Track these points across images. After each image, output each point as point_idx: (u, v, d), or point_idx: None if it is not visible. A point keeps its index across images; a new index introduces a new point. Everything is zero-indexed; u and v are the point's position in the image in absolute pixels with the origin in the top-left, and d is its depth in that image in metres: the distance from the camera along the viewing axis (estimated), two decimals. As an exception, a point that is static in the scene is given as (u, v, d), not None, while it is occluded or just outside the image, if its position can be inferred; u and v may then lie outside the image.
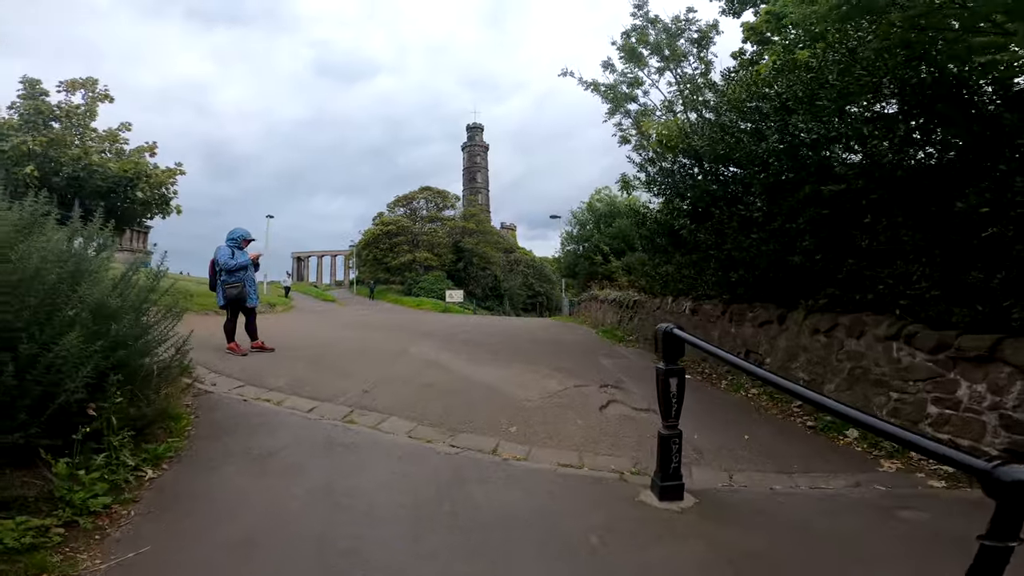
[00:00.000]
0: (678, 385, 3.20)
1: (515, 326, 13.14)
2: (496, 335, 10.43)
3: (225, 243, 6.76)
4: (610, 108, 14.61)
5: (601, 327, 12.37)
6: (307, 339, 8.81)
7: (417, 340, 9.13)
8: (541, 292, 57.07)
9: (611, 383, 6.43)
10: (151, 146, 12.15)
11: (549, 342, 9.71)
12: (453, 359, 7.34)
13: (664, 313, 9.06)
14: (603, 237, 21.64)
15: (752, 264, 6.10)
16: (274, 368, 6.21)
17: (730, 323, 7.01)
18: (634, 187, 11.54)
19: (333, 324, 12.73)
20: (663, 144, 7.38)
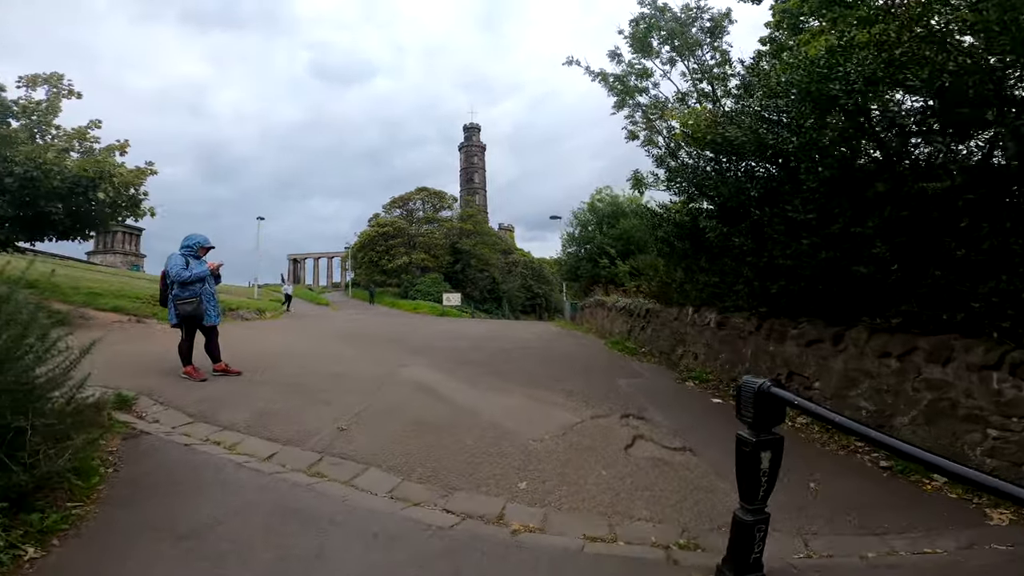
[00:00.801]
0: (772, 460, 2.25)
1: (517, 337, 12.19)
2: (497, 350, 9.49)
3: (179, 251, 5.81)
4: (617, 101, 13.67)
5: (609, 337, 11.44)
6: (285, 356, 7.83)
7: (410, 357, 8.18)
8: (540, 294, 56.16)
9: (633, 412, 5.50)
10: (122, 144, 11.16)
11: (556, 358, 8.77)
12: (449, 383, 6.40)
13: (683, 325, 8.14)
14: (606, 239, 20.71)
15: (798, 273, 5.17)
16: (236, 398, 5.26)
17: (767, 340, 6.08)
18: (648, 185, 10.57)
19: (320, 334, 11.76)
20: (689, 135, 6.44)
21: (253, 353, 7.91)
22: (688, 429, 5.07)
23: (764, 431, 2.20)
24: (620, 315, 11.19)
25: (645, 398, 6.13)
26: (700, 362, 7.54)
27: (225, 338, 10.10)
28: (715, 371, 7.12)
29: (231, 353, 7.77)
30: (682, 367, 7.89)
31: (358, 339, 10.51)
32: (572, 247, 23.28)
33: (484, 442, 4.38)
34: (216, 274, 6.04)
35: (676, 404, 6.07)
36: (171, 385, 5.51)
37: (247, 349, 8.35)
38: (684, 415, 5.60)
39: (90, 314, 12.37)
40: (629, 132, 13.70)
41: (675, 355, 8.38)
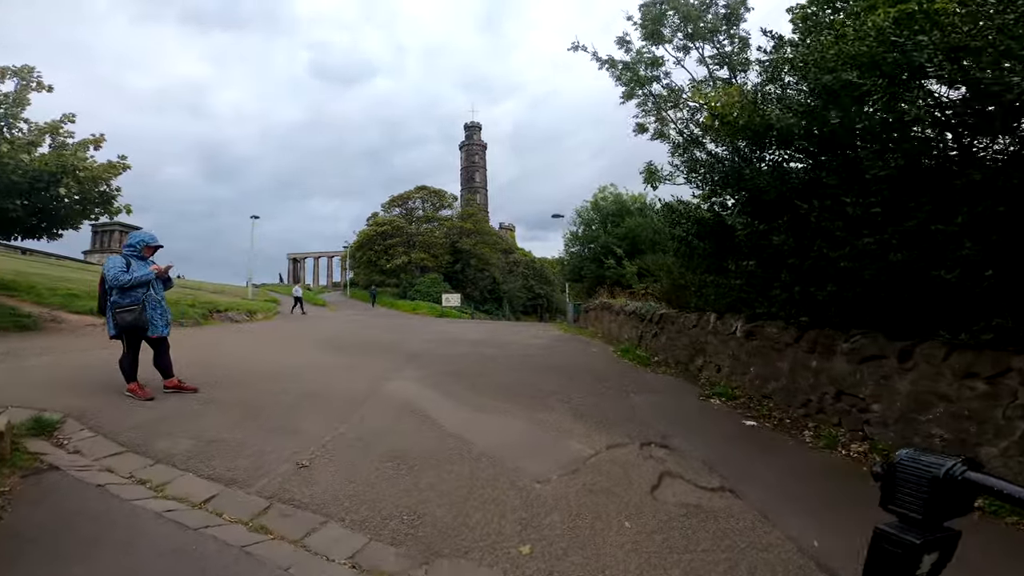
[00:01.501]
0: (937, 564, 1.36)
1: (518, 342, 11.35)
2: (496, 358, 8.65)
3: (123, 251, 4.99)
4: (625, 91, 12.86)
5: (617, 343, 10.61)
6: (257, 367, 6.99)
7: (399, 368, 7.35)
8: (541, 294, 55.32)
9: (655, 439, 4.67)
10: (96, 138, 10.38)
11: (561, 368, 7.93)
12: (439, 401, 5.56)
13: (704, 333, 7.30)
14: (611, 238, 19.88)
15: (855, 278, 4.34)
16: (183, 422, 4.43)
17: (809, 353, 5.24)
18: (663, 178, 9.73)
19: (306, 341, 10.93)
20: (718, 120, 5.60)
21: (223, 364, 7.08)
22: (723, 461, 4.24)
23: (935, 527, 1.34)
24: (629, 320, 10.35)
25: (666, 420, 5.29)
26: (724, 375, 6.70)
27: (200, 344, 9.36)
28: (743, 386, 6.29)
29: (199, 362, 6.99)
30: (703, 380, 7.05)
31: (347, 346, 9.68)
32: (575, 247, 22.45)
33: (477, 483, 3.54)
34: (164, 277, 5.20)
35: (703, 428, 5.23)
36: (110, 405, 4.67)
37: (218, 359, 7.53)
38: (715, 442, 4.76)
39: (63, 317, 11.58)
40: (638, 125, 12.93)
41: (693, 366, 7.55)
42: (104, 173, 9.62)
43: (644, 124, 12.62)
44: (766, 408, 5.70)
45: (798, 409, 5.38)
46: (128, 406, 4.70)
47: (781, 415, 5.48)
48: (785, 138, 4.93)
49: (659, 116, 12.25)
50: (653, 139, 12.08)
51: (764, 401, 5.86)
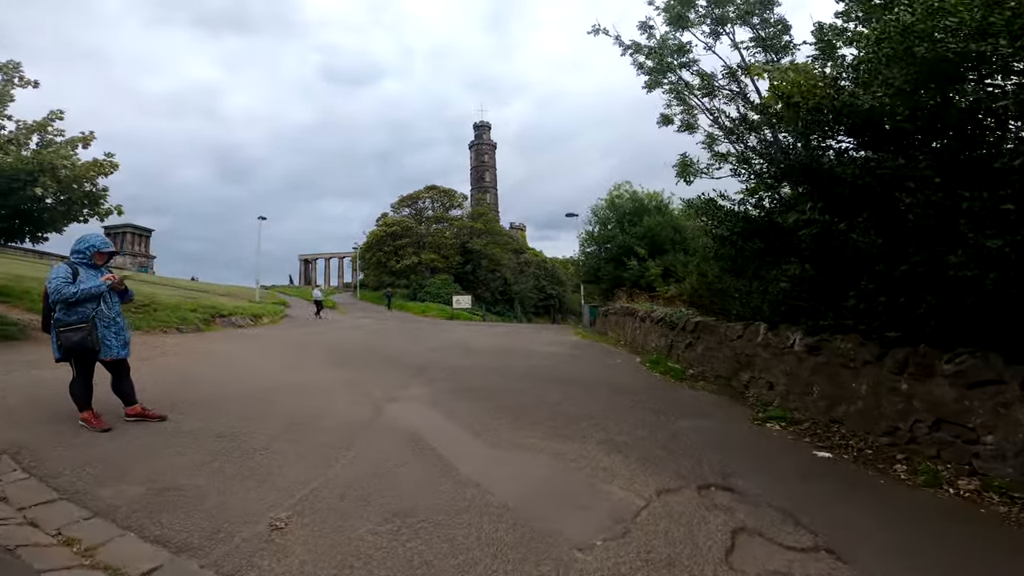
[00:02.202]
0: None
1: (534, 351, 10.50)
2: (512, 371, 7.82)
3: (70, 258, 4.22)
4: (650, 80, 11.90)
5: (644, 353, 9.76)
6: (247, 385, 6.21)
7: (405, 384, 6.55)
8: (553, 295, 54.42)
9: (714, 479, 3.84)
10: (86, 136, 9.76)
11: (586, 384, 7.08)
12: (448, 429, 4.75)
13: (751, 346, 6.42)
14: (629, 237, 19.00)
15: (968, 288, 3.46)
16: (139, 460, 3.66)
17: (897, 374, 4.35)
18: (699, 172, 8.85)
19: (307, 350, 10.18)
20: (786, 100, 4.73)
21: (209, 380, 6.34)
22: (806, 507, 3.41)
23: None
24: (657, 327, 9.47)
25: (721, 452, 4.43)
26: (778, 395, 5.83)
27: (192, 355, 8.42)
28: (804, 409, 5.41)
29: (183, 379, 6.25)
30: (751, 399, 6.19)
31: (350, 357, 8.90)
32: (591, 246, 21.57)
33: (502, 554, 2.72)
34: (120, 289, 4.42)
35: (768, 462, 4.37)
36: (57, 438, 3.92)
37: (206, 373, 6.79)
38: (789, 482, 3.91)
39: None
40: (662, 116, 11.95)
41: (737, 381, 6.68)
42: (87, 172, 8.95)
43: (669, 115, 11.67)
44: (838, 436, 4.83)
45: (880, 437, 4.51)
46: (78, 440, 3.95)
47: (859, 444, 4.60)
48: (891, 118, 4.02)
49: (686, 106, 11.32)
50: (680, 131, 11.16)
51: (833, 427, 4.98)
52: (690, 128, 11.62)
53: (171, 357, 7.74)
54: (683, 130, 11.69)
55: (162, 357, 7.71)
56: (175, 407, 4.88)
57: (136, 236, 69.27)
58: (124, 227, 68.12)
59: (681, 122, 11.82)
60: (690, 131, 11.56)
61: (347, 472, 3.66)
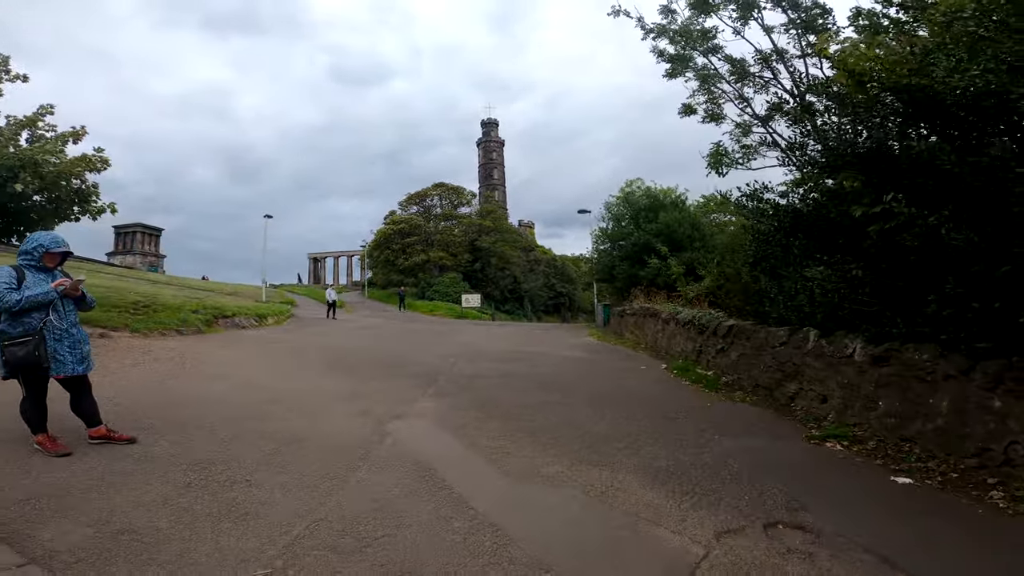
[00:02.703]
0: None
1: (550, 355, 9.87)
2: (528, 380, 7.20)
3: (17, 260, 3.61)
4: (672, 68, 11.23)
5: (669, 357, 9.10)
6: (237, 396, 5.62)
7: (412, 397, 5.95)
8: (563, 293, 53.72)
9: (781, 514, 3.23)
10: (77, 131, 9.29)
11: (611, 396, 6.43)
12: (461, 455, 4.13)
13: (799, 354, 5.74)
14: (644, 234, 18.28)
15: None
16: (95, 493, 3.10)
17: (989, 391, 3.68)
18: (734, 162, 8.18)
19: (309, 354, 9.62)
20: (857, 79, 4.07)
21: (196, 393, 5.76)
22: (902, 549, 2.81)
23: None
24: (683, 330, 8.81)
25: (781, 479, 3.78)
26: (833, 409, 5.16)
27: (183, 361, 7.57)
28: (867, 425, 4.74)
29: (166, 391, 5.64)
30: (800, 413, 5.52)
31: (354, 362, 8.32)
32: (604, 244, 20.85)
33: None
34: (75, 295, 3.80)
35: (839, 490, 3.72)
36: (5, 464, 3.36)
37: (194, 384, 6.22)
38: (872, 516, 3.27)
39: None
40: (684, 106, 11.31)
41: (781, 393, 6.01)
42: (74, 167, 8.45)
43: (692, 105, 11.00)
44: (913, 457, 4.15)
45: (967, 459, 3.83)
46: (29, 466, 3.38)
47: (941, 467, 3.93)
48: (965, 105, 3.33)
49: (710, 95, 10.64)
50: (704, 121, 10.50)
51: (905, 447, 4.31)
52: (715, 118, 10.96)
53: (160, 364, 7.21)
54: (708, 120, 11.04)
55: (151, 363, 7.18)
56: (149, 427, 4.31)
57: (146, 235, 69.40)
58: (134, 226, 68.35)
59: (706, 112, 11.17)
60: (715, 121, 10.91)
61: (341, 511, 3.05)
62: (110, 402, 4.72)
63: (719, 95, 10.40)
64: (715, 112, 10.50)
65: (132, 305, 13.83)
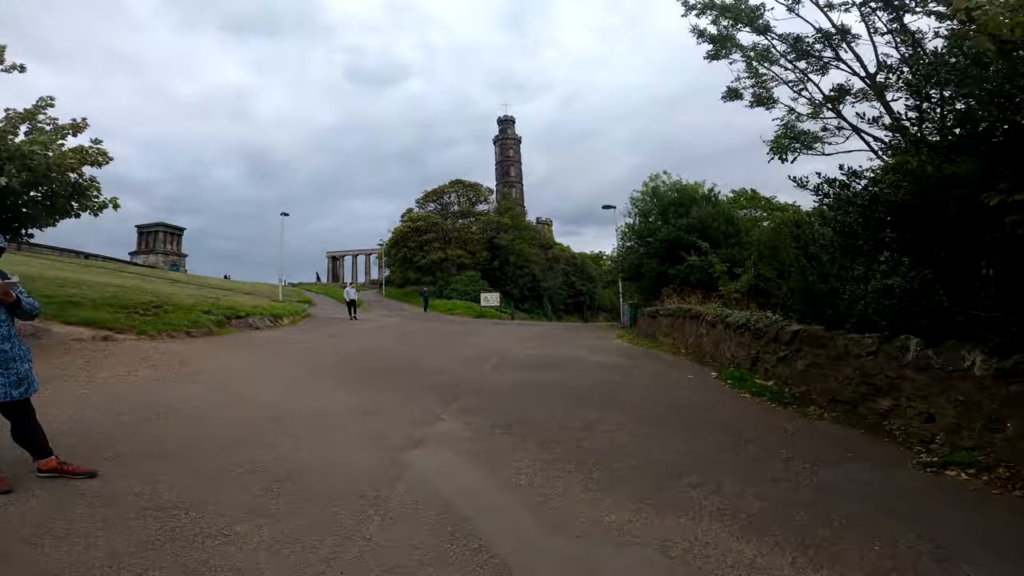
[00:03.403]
0: None
1: (581, 360, 9.00)
2: (566, 389, 6.36)
3: None
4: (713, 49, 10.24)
5: (717, 364, 8.17)
6: (224, 420, 4.81)
7: (434, 414, 5.15)
8: (583, 291, 52.68)
9: (931, 574, 2.33)
10: (78, 123, 8.75)
11: (667, 414, 5.54)
12: (494, 500, 3.31)
13: (896, 366, 4.80)
14: (675, 229, 17.24)
15: None
16: (22, 551, 2.36)
17: None
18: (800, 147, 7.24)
19: (322, 360, 8.90)
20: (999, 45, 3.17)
21: (179, 409, 5.03)
22: None
23: None
24: (734, 335, 7.87)
25: (911, 521, 2.90)
26: (944, 430, 4.23)
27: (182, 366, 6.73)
28: (991, 449, 3.83)
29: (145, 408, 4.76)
30: (896, 433, 4.61)
31: (370, 369, 7.56)
32: (631, 240, 19.80)
33: None
34: (7, 301, 3.03)
35: (991, 535, 2.83)
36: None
37: (185, 397, 5.50)
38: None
39: (53, 329, 10.05)
40: (729, 90, 10.30)
41: (867, 410, 5.08)
42: (65, 160, 7.85)
43: (737, 88, 10.03)
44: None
45: None
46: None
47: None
48: None
49: (757, 78, 9.67)
50: (752, 106, 9.53)
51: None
52: (764, 103, 9.95)
53: (157, 371, 6.55)
54: (755, 105, 10.04)
55: (146, 371, 6.52)
56: (118, 455, 3.60)
57: (168, 234, 70.11)
58: (156, 226, 69.15)
59: (753, 96, 10.15)
60: (765, 106, 9.91)
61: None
62: (80, 422, 4.04)
63: (770, 78, 9.41)
64: (764, 96, 9.51)
65: (142, 305, 13.36)
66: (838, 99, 6.35)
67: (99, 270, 30.07)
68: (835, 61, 8.77)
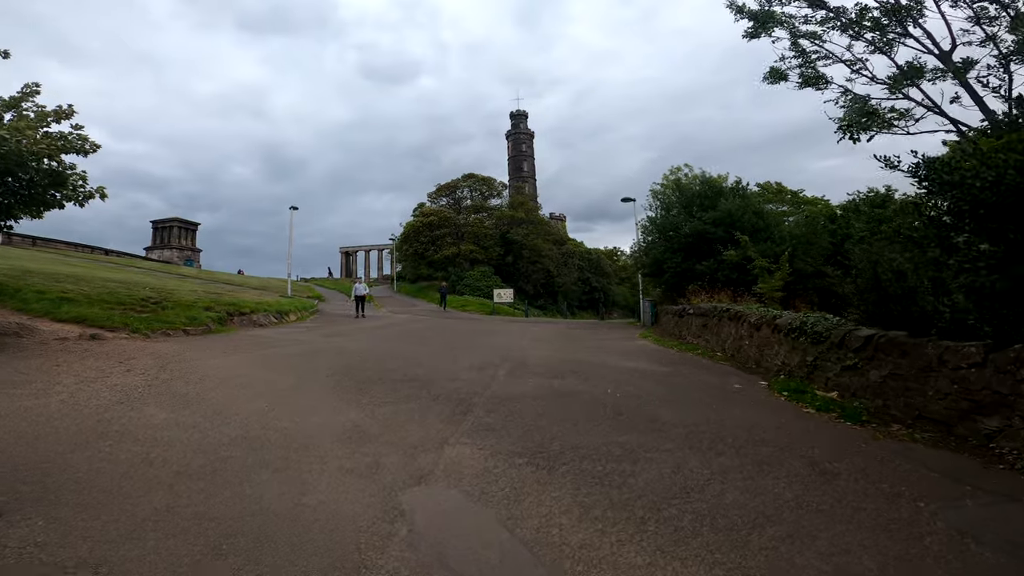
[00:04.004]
0: None
1: (611, 367, 8.06)
2: (596, 404, 5.45)
3: None
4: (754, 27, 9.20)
5: (763, 370, 7.22)
6: (187, 444, 4.03)
7: (441, 438, 4.27)
8: (598, 288, 51.61)
9: None
10: (63, 110, 8.07)
11: (724, 436, 4.59)
12: (522, 558, 2.43)
13: (1012, 381, 3.84)
14: (700, 223, 16.20)
15: None
16: None
17: None
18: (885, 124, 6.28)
19: (320, 365, 8.10)
20: None
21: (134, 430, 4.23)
22: None
23: None
24: (784, 339, 6.90)
25: None
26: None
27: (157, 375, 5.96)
28: None
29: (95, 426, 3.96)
30: (1008, 456, 3.67)
31: (367, 380, 6.72)
32: (653, 235, 18.76)
33: None
34: None
35: None
36: None
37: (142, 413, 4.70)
38: None
39: (39, 327, 9.43)
40: (772, 71, 9.25)
41: (968, 429, 4.14)
42: (36, 146, 7.12)
43: (781, 69, 9.03)
44: None
45: None
46: None
47: None
48: None
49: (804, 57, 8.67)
50: (800, 87, 8.55)
51: None
52: (814, 83, 8.87)
53: (129, 377, 5.79)
54: (803, 86, 8.98)
55: (118, 377, 5.76)
56: (26, 494, 2.78)
57: (183, 229, 70.30)
58: (171, 221, 69.40)
59: (801, 76, 9.08)
60: (815, 86, 8.85)
61: None
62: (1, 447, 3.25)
63: (822, 56, 8.42)
64: (813, 76, 8.52)
65: (140, 302, 12.72)
66: (914, 77, 5.39)
67: (112, 266, 29.78)
68: (902, 37, 7.72)
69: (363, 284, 22.17)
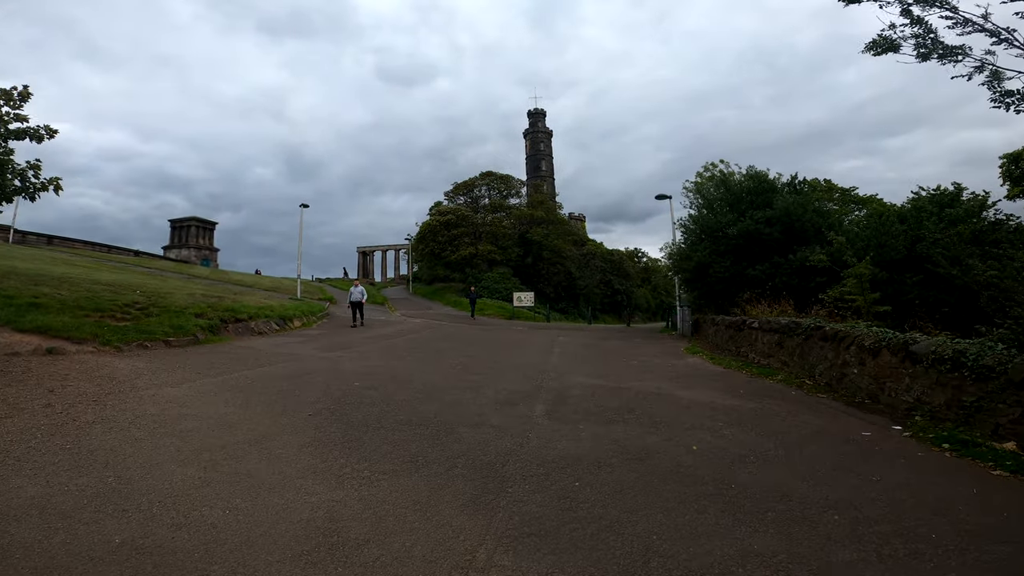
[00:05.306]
0: None
1: (679, 402, 6.29)
2: (683, 466, 3.74)
3: None
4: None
5: (884, 406, 5.45)
6: (60, 536, 2.49)
7: (457, 555, 2.61)
8: (620, 290, 49.57)
9: None
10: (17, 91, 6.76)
11: (885, 530, 2.86)
12: None
13: None
14: (751, 223, 14.31)
15: None
16: None
17: None
18: None
19: (298, 395, 6.54)
20: None
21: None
22: None
23: None
24: (926, 371, 5.11)
25: None
26: None
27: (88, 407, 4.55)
28: None
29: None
30: None
31: (358, 420, 5.13)
32: (694, 235, 16.80)
33: None
34: None
35: None
36: None
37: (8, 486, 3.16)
38: None
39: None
40: (879, 39, 7.41)
41: None
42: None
43: (892, 39, 7.26)
44: None
45: None
46: None
47: None
48: None
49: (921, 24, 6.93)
50: (919, 59, 6.81)
51: None
52: (941, 53, 6.98)
53: (32, 418, 4.26)
54: (922, 58, 7.12)
55: (22, 416, 4.23)
56: None
57: (200, 229, 70.01)
58: (189, 220, 69.16)
59: (918, 45, 7.16)
60: (941, 58, 6.99)
61: None
62: None
63: (957, 22, 6.65)
64: (931, 45, 6.77)
65: (122, 308, 11.33)
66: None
67: (119, 266, 28.88)
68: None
69: (361, 288, 18.63)
